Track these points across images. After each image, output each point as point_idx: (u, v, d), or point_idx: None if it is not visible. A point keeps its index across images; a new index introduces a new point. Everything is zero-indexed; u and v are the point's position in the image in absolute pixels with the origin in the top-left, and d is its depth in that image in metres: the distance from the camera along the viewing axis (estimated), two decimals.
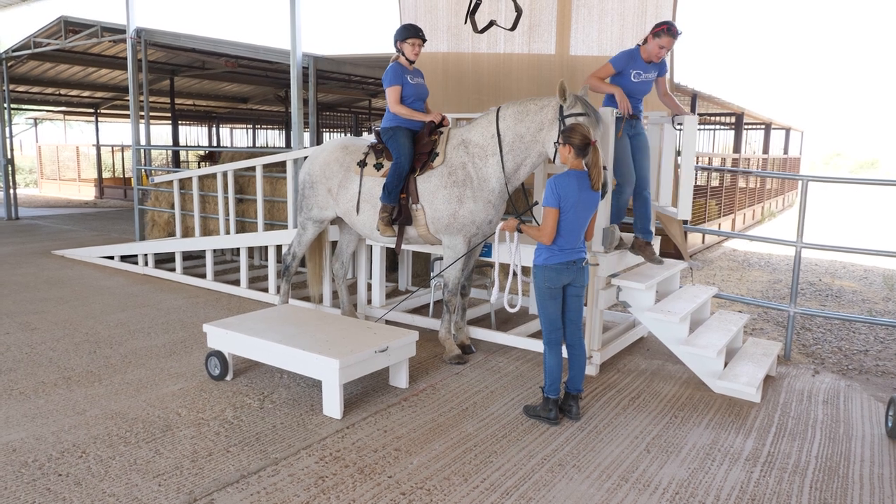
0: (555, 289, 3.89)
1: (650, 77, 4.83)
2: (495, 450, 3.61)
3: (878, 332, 6.21)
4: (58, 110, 21.27)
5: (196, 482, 3.22)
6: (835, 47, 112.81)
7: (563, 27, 5.92)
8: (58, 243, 10.42)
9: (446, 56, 6.59)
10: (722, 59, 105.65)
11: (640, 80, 4.79)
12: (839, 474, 3.46)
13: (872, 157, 51.87)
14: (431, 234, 5.05)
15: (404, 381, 4.49)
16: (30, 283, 7.57)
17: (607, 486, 3.26)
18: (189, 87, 17.08)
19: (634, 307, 4.93)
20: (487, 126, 4.81)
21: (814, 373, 5.04)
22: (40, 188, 22.21)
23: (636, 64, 4.76)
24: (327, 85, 14.11)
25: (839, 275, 9.45)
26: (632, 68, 4.77)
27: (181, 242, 7.88)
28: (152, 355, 5.10)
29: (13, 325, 5.86)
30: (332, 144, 5.63)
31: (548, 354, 3.97)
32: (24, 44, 11.96)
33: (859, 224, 16.33)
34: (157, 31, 9.78)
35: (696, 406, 4.29)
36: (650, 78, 4.84)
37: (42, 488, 3.14)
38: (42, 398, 4.22)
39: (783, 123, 19.01)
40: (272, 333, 4.36)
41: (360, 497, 3.11)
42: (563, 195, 3.76)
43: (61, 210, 16.12)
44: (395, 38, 5.11)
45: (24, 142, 29.47)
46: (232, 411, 4.06)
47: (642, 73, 4.78)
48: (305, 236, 5.80)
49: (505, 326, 5.77)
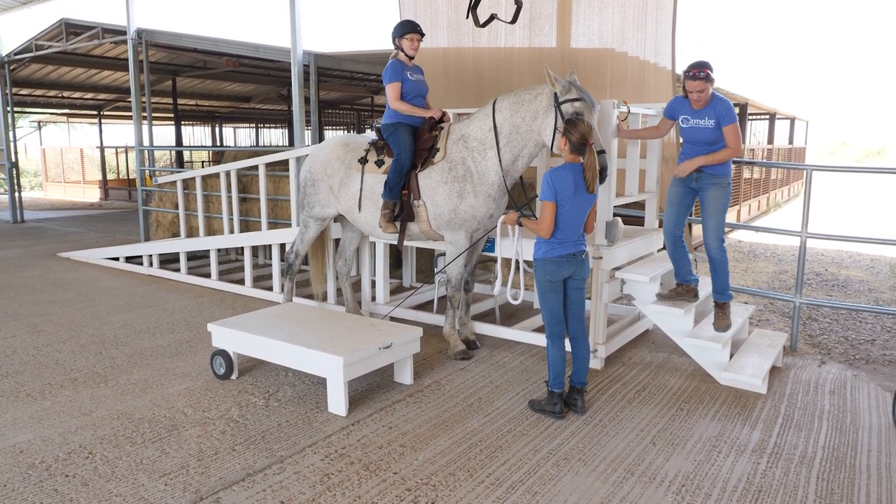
0: (555, 282, 3.88)
1: (704, 124, 4.43)
2: (500, 445, 3.61)
3: (885, 322, 6.17)
4: (61, 113, 21.34)
5: (202, 481, 3.22)
6: (840, 36, 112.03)
7: (564, 20, 5.89)
8: (63, 246, 10.45)
9: (447, 51, 6.57)
10: (726, 48, 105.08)
11: (689, 126, 4.49)
12: (846, 465, 3.44)
13: (879, 145, 51.54)
14: (433, 230, 5.04)
15: (409, 377, 4.49)
16: (36, 285, 7.60)
17: (613, 480, 3.26)
18: (191, 87, 17.10)
19: (639, 300, 4.91)
20: (484, 119, 4.79)
21: (820, 363, 5.01)
22: (45, 191, 22.29)
23: (684, 109, 4.51)
24: (329, 82, 14.11)
25: (845, 264, 9.40)
26: (679, 113, 4.54)
27: (185, 242, 7.90)
28: (158, 355, 5.11)
29: (20, 327, 5.88)
30: (333, 142, 5.62)
31: (550, 348, 3.96)
32: (26, 47, 12.00)
33: (865, 213, 16.24)
34: (157, 32, 9.79)
35: (701, 398, 4.28)
36: (704, 125, 4.43)
37: (49, 489, 3.16)
38: (49, 399, 4.24)
39: (788, 113, 18.90)
40: (277, 332, 4.37)
41: (366, 494, 3.12)
42: (559, 188, 3.76)
43: (66, 212, 16.17)
44: (394, 35, 5.10)
45: (29, 145, 29.62)
46: (237, 410, 4.07)
47: (690, 119, 4.48)
48: (308, 234, 5.81)
49: (509, 321, 5.76)
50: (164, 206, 9.14)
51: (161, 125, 21.98)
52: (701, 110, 4.44)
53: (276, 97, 18.86)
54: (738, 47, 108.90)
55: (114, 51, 12.57)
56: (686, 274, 4.82)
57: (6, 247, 10.47)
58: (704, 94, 4.36)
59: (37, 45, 11.73)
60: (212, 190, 8.20)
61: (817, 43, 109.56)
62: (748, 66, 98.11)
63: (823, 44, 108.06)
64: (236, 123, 26.14)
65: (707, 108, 4.42)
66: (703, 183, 4.56)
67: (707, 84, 4.32)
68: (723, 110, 4.39)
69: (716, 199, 4.55)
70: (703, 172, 4.53)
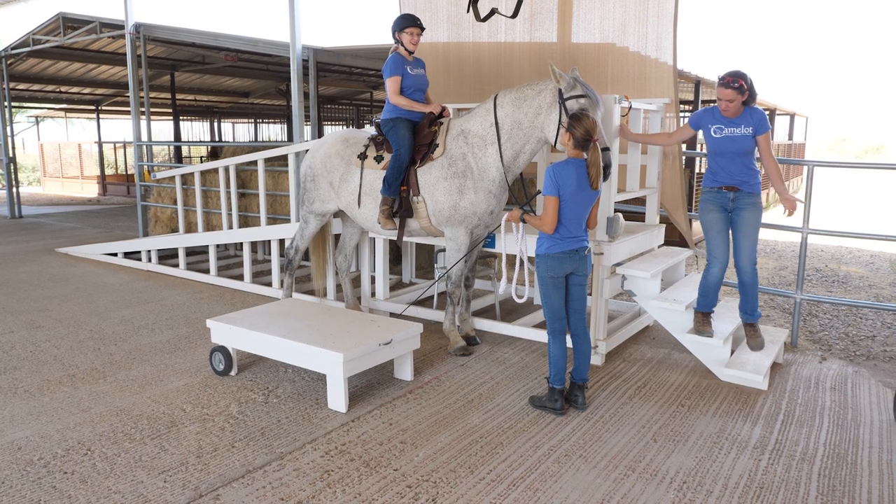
0: (557, 278, 3.86)
1: (740, 132, 4.28)
2: (501, 441, 3.60)
3: (886, 318, 6.16)
4: (59, 108, 21.25)
5: (201, 478, 3.21)
6: (839, 32, 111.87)
7: (565, 14, 5.86)
8: (61, 241, 10.42)
9: (447, 46, 6.53)
10: (726, 44, 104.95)
11: (723, 136, 4.32)
12: (847, 461, 3.43)
13: (878, 141, 51.59)
14: (433, 226, 5.02)
15: (409, 373, 4.48)
16: (34, 280, 7.57)
17: (614, 476, 3.24)
18: (190, 82, 17.03)
19: (640, 296, 4.89)
20: (485, 115, 4.76)
21: (821, 359, 5.00)
22: (43, 186, 22.23)
23: (715, 118, 4.35)
24: (328, 77, 14.05)
25: (845, 260, 9.39)
26: (710, 123, 4.37)
27: (184, 238, 7.87)
28: (157, 351, 5.09)
29: (17, 323, 5.86)
30: (332, 137, 5.60)
31: (552, 344, 3.95)
32: (24, 41, 11.93)
33: (865, 209, 16.23)
34: (155, 26, 9.73)
35: (702, 394, 4.27)
36: (739, 133, 4.28)
37: (48, 486, 3.14)
38: (47, 396, 4.22)
39: (788, 109, 18.87)
40: (276, 328, 4.35)
41: (366, 490, 3.10)
42: (562, 184, 3.74)
43: (64, 208, 16.13)
44: (393, 29, 5.06)
45: (27, 140, 29.53)
46: (237, 406, 4.06)
47: (725, 128, 4.31)
48: (308, 230, 5.78)
49: (510, 317, 5.74)
50: (163, 202, 9.11)
51: (159, 120, 21.90)
52: (736, 119, 4.29)
53: (275, 92, 18.79)
54: (738, 43, 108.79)
55: (112, 45, 12.50)
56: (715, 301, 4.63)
57: (4, 242, 10.44)
58: (733, 105, 4.23)
59: (34, 39, 11.66)
60: (210, 185, 8.18)
61: (817, 39, 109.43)
62: (748, 62, 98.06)
63: (823, 40, 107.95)
64: (235, 119, 26.07)
65: (743, 116, 4.29)
66: (740, 203, 4.37)
67: (738, 95, 4.19)
68: (759, 118, 4.28)
69: (752, 219, 4.37)
70: (740, 192, 4.35)
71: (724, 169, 4.38)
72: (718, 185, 4.42)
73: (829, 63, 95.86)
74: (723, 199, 4.41)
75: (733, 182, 4.37)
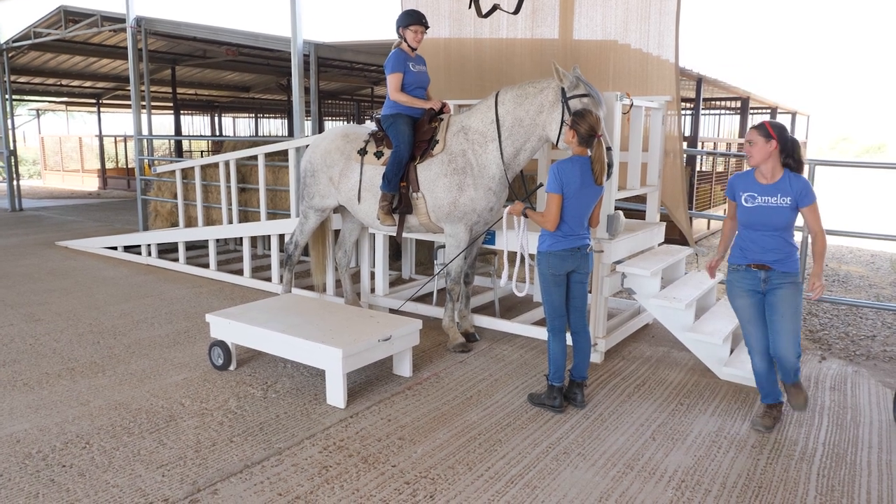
0: (559, 275, 3.86)
1: (777, 202, 3.55)
2: (500, 438, 3.60)
3: (886, 318, 6.16)
4: (60, 101, 21.24)
5: (200, 472, 3.21)
6: (841, 30, 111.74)
7: (567, 11, 5.84)
8: (61, 234, 10.42)
9: (448, 42, 6.51)
10: (727, 42, 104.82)
11: (756, 206, 3.59)
12: (846, 461, 3.43)
13: (879, 140, 51.54)
14: (433, 222, 5.01)
15: (408, 369, 4.47)
16: (33, 274, 7.57)
17: (612, 474, 3.24)
18: (190, 76, 17.02)
19: (640, 294, 4.89)
20: (486, 112, 4.75)
21: (820, 359, 5.00)
22: (44, 179, 22.22)
23: (748, 184, 3.65)
24: (329, 73, 14.02)
25: (846, 260, 9.38)
26: (741, 190, 3.67)
27: (184, 232, 7.86)
28: (156, 345, 5.09)
29: (17, 316, 5.86)
30: (332, 133, 5.58)
31: (552, 342, 3.94)
32: (25, 34, 11.91)
33: (866, 208, 16.22)
34: (156, 20, 9.72)
35: (701, 393, 4.27)
36: (778, 203, 3.55)
37: (46, 479, 3.14)
38: (46, 389, 4.22)
39: (789, 107, 18.82)
40: (275, 323, 4.34)
41: (364, 486, 3.10)
42: (565, 181, 3.73)
43: (65, 201, 16.12)
44: (398, 25, 5.05)
45: (27, 133, 29.50)
46: (235, 401, 4.05)
47: (758, 196, 3.59)
48: (307, 225, 5.77)
49: (509, 314, 5.74)
50: (163, 196, 9.10)
51: (160, 114, 21.87)
52: (772, 185, 3.56)
53: (276, 87, 18.77)
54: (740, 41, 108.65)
55: (113, 39, 12.49)
56: (779, 392, 3.86)
57: (4, 235, 10.43)
58: (756, 151, 3.53)
59: (35, 32, 11.64)
60: (211, 180, 8.16)
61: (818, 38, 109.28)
62: (750, 61, 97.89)
63: (824, 39, 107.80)
64: (236, 113, 26.05)
65: (781, 182, 3.55)
66: (773, 283, 3.64)
67: (764, 141, 3.50)
68: (801, 187, 3.53)
69: (790, 298, 3.61)
70: (772, 271, 3.62)
71: (753, 242, 3.66)
72: (747, 263, 3.69)
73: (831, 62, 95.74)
74: (752, 279, 3.69)
75: (765, 260, 3.63)
